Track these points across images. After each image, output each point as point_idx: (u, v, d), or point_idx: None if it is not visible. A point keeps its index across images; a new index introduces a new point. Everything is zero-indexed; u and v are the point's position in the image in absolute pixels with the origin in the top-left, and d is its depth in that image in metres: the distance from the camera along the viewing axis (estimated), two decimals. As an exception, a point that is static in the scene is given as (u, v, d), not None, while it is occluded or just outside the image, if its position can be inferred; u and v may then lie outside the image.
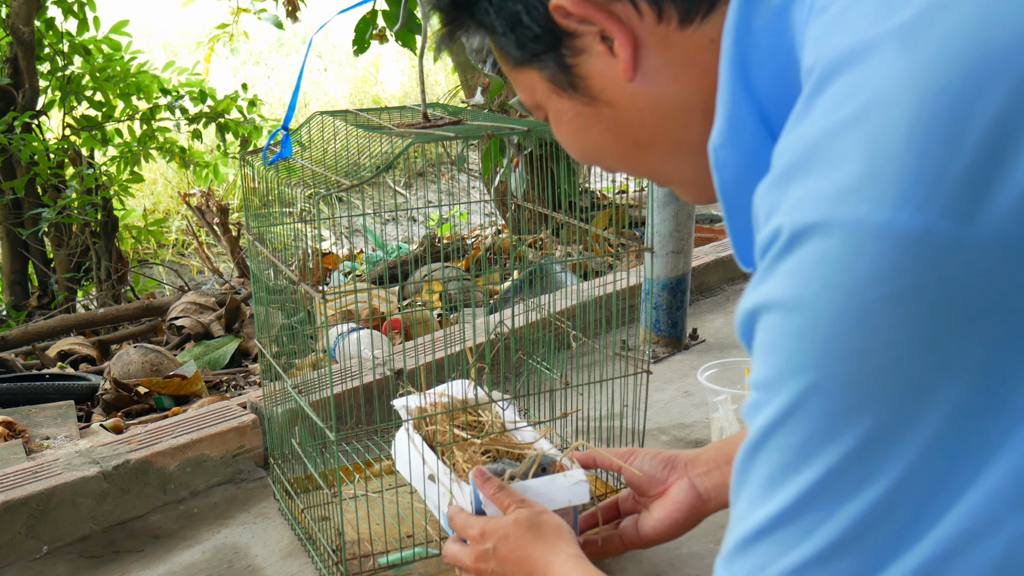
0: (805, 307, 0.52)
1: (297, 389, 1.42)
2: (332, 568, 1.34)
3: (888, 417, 0.52)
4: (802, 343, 0.53)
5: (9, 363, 3.37)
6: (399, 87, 10.52)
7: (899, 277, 0.50)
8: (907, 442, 0.52)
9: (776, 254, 0.54)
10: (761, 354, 0.55)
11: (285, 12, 5.45)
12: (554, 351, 1.58)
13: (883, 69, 0.52)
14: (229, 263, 5.21)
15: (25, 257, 5.26)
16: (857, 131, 0.52)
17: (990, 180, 0.50)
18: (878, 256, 0.50)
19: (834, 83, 0.54)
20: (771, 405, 0.54)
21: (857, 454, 0.52)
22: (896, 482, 0.52)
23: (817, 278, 0.52)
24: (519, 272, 2.68)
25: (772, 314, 0.54)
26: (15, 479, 1.56)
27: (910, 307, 0.51)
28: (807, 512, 0.54)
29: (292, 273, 1.32)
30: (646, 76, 0.69)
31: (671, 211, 2.26)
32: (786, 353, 0.54)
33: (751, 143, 0.64)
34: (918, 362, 0.51)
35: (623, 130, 0.73)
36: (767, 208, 0.56)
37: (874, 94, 0.52)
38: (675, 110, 0.70)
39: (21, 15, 4.99)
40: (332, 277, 3.83)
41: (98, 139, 5.35)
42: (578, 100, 0.72)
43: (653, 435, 1.89)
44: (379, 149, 1.22)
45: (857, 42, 0.54)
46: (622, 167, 0.78)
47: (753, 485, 0.56)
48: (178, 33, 10.84)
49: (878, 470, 0.52)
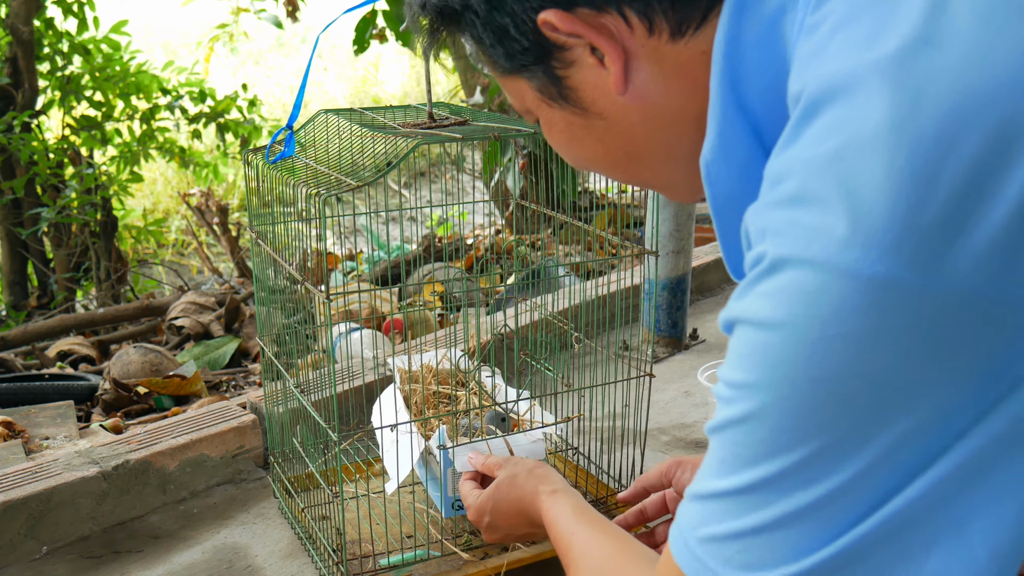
0: (773, 330, 0.56)
1: (299, 388, 1.42)
2: (332, 568, 1.34)
3: (831, 443, 0.56)
4: (766, 361, 0.57)
5: (9, 363, 3.36)
6: (399, 87, 10.52)
7: (859, 318, 0.53)
8: (849, 463, 0.56)
9: (758, 275, 0.57)
10: (734, 357, 0.60)
11: (285, 12, 5.45)
12: (556, 352, 1.57)
13: (864, 108, 0.53)
14: (229, 263, 5.20)
15: (25, 257, 5.26)
16: (836, 169, 0.54)
17: (959, 229, 0.51)
18: (841, 296, 0.53)
19: (819, 116, 0.55)
20: (734, 405, 0.59)
21: (797, 468, 0.57)
22: (833, 491, 0.57)
23: (786, 306, 0.55)
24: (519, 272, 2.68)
25: (746, 328, 0.59)
26: (15, 479, 1.55)
27: (867, 347, 0.54)
28: (745, 497, 0.59)
29: (295, 272, 1.32)
30: (637, 89, 0.69)
31: (671, 211, 2.26)
32: (752, 365, 0.58)
33: (743, 157, 0.65)
34: (870, 398, 0.55)
35: (615, 141, 0.73)
36: (759, 227, 0.58)
37: (854, 134, 0.53)
38: (666, 122, 0.71)
39: (21, 15, 4.98)
40: (332, 277, 3.83)
41: (98, 139, 5.35)
42: (569, 111, 0.72)
43: (653, 435, 1.88)
44: (382, 149, 1.22)
45: (843, 72, 0.55)
46: (614, 175, 0.79)
47: (712, 456, 0.62)
48: (178, 33, 10.83)
49: (816, 481, 0.57)
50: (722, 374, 0.62)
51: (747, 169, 0.65)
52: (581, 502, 1.06)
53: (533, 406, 1.44)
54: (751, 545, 0.59)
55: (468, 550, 1.36)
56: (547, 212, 1.60)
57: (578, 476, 1.57)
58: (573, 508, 1.04)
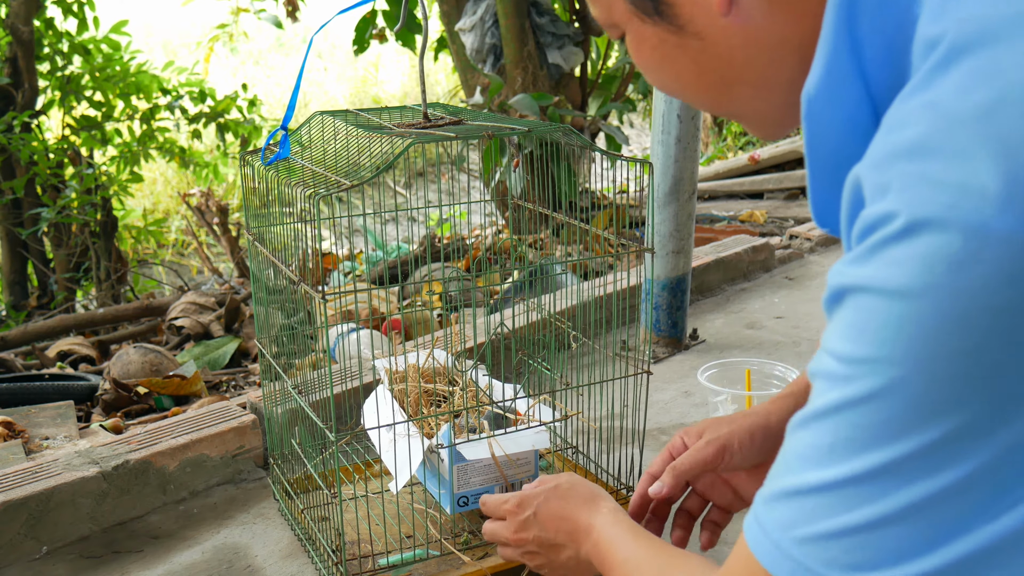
0: (909, 300, 0.51)
1: (297, 389, 1.42)
2: (332, 568, 1.34)
3: (973, 420, 0.51)
4: (900, 334, 0.52)
5: (9, 363, 3.36)
6: (399, 87, 10.53)
7: (1013, 287, 0.49)
8: (985, 445, 0.51)
9: (885, 238, 0.52)
10: (850, 330, 0.54)
11: (285, 12, 5.46)
12: (554, 352, 1.58)
13: (1019, 58, 0.49)
14: (229, 263, 5.21)
15: (24, 257, 5.26)
16: (988, 126, 0.49)
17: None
18: (996, 264, 0.49)
19: (963, 62, 0.51)
20: (853, 384, 0.54)
21: (927, 450, 0.52)
22: (963, 478, 0.52)
23: (927, 274, 0.50)
24: (519, 272, 2.68)
25: (870, 297, 0.53)
26: (15, 479, 1.55)
27: (1019, 319, 0.49)
28: (859, 488, 0.54)
29: (292, 273, 1.32)
30: (743, 11, 0.65)
31: (671, 211, 2.26)
32: (880, 339, 0.53)
33: (848, 100, 0.60)
34: (1014, 374, 0.50)
35: (710, 64, 0.69)
36: (878, 183, 0.53)
37: (1008, 87, 0.49)
38: (767, 48, 0.66)
39: (21, 15, 4.99)
40: (332, 277, 3.83)
41: (98, 139, 5.35)
42: (663, 27, 0.68)
43: (653, 435, 1.88)
44: (379, 149, 1.22)
45: (993, 19, 0.51)
46: (702, 102, 0.74)
47: (810, 446, 0.57)
48: (178, 33, 10.84)
49: (947, 465, 0.52)
50: (834, 350, 0.56)
51: (852, 113, 0.60)
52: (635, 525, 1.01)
53: (537, 402, 1.44)
54: (863, 542, 0.54)
55: (467, 550, 1.36)
56: (547, 212, 1.60)
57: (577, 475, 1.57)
58: (630, 527, 1.00)
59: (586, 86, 4.52)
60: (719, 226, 3.99)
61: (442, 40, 4.98)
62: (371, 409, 1.43)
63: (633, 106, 4.87)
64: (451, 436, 1.33)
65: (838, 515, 0.55)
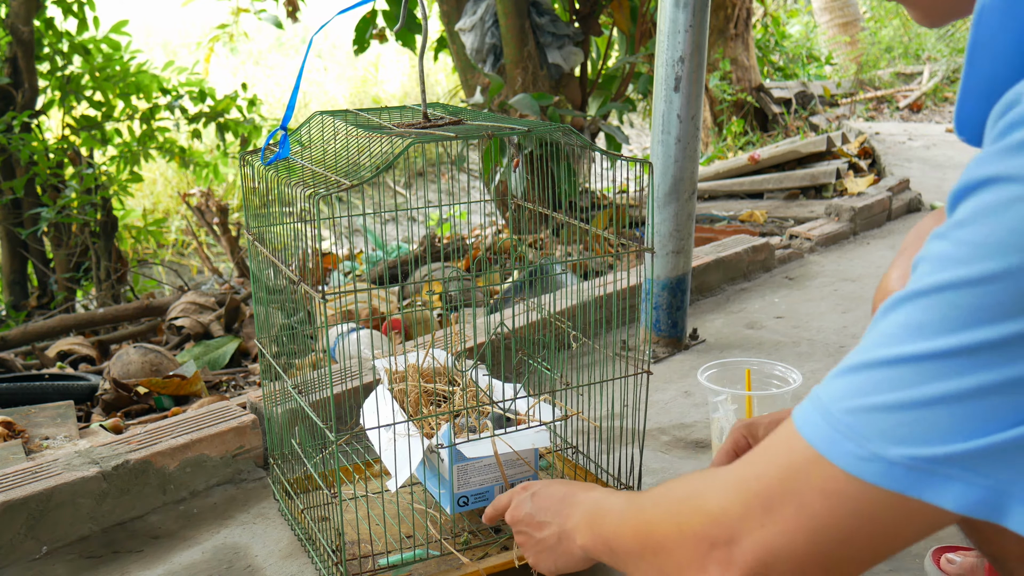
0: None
1: (297, 389, 1.42)
2: (332, 568, 1.34)
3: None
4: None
5: (9, 363, 3.36)
6: (399, 87, 10.53)
7: None
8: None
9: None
10: (978, 216, 0.56)
11: (285, 12, 5.46)
12: (554, 352, 1.58)
13: None
14: (229, 263, 5.21)
15: (24, 257, 5.26)
16: None
17: None
18: None
19: None
20: (967, 265, 0.56)
21: (1020, 339, 0.54)
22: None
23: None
24: (519, 272, 2.69)
25: (1014, 186, 0.54)
26: (15, 479, 1.55)
27: None
28: (936, 364, 0.56)
29: (292, 273, 1.32)
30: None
31: (671, 211, 2.26)
32: (1011, 227, 0.54)
33: (1021, 16, 0.61)
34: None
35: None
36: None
37: None
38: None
39: (21, 15, 4.99)
40: (332, 277, 3.83)
41: (98, 139, 5.35)
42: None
43: (653, 435, 1.88)
44: (379, 149, 1.22)
45: None
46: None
47: (898, 324, 0.58)
48: (178, 33, 10.84)
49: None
50: (952, 235, 0.57)
51: (1022, 32, 0.61)
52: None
53: (538, 402, 1.45)
54: (916, 419, 0.56)
55: (467, 550, 1.36)
56: (547, 212, 1.60)
57: (577, 475, 1.57)
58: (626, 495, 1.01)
59: (586, 86, 4.52)
60: (719, 226, 3.99)
61: (442, 40, 4.98)
62: (371, 409, 1.43)
63: (633, 106, 4.87)
64: (451, 436, 1.33)
65: (903, 389, 0.57)
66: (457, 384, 1.53)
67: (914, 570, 1.37)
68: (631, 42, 4.44)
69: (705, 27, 2.14)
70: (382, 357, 1.60)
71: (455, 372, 1.56)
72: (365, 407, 1.46)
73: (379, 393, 1.46)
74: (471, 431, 1.37)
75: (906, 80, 9.24)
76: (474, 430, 1.37)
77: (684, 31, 2.12)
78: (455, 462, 1.35)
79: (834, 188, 4.44)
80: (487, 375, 1.57)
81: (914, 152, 5.41)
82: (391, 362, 1.55)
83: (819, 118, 6.82)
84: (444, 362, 1.58)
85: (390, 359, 1.57)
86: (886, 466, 0.58)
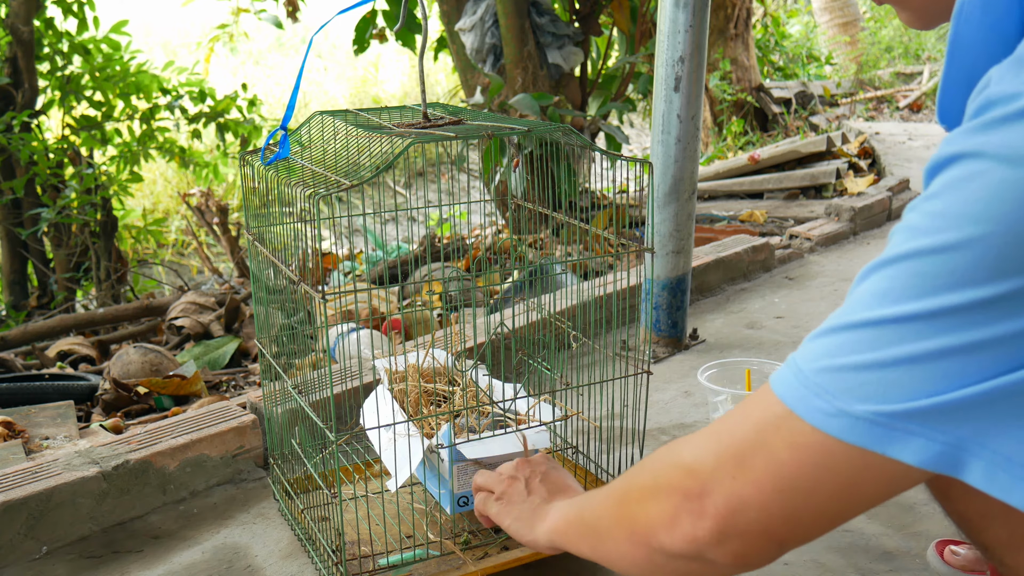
0: (1018, 167, 0.56)
1: (297, 389, 1.42)
2: (332, 568, 1.34)
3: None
4: (995, 195, 0.56)
5: (9, 363, 3.36)
6: (399, 87, 10.53)
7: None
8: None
9: (1007, 115, 0.57)
10: (947, 190, 0.59)
11: (285, 12, 5.46)
12: (554, 352, 1.58)
13: None
14: (229, 263, 5.21)
15: (24, 257, 5.26)
16: None
17: None
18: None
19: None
20: (932, 235, 0.59)
21: (979, 305, 0.57)
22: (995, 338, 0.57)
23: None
24: (519, 272, 2.69)
25: (979, 161, 0.58)
26: (15, 479, 1.55)
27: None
28: (902, 327, 0.59)
29: (292, 273, 1.32)
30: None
31: (671, 211, 2.26)
32: (976, 198, 0.57)
33: (999, 9, 0.65)
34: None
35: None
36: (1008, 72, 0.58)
37: None
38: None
39: (21, 15, 4.99)
40: (332, 277, 3.83)
41: (97, 139, 5.35)
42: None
43: (653, 435, 1.88)
44: (379, 149, 1.22)
45: None
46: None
47: (867, 292, 0.62)
48: (178, 33, 10.84)
49: (986, 323, 0.57)
50: (923, 208, 0.61)
51: (1000, 22, 0.65)
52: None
53: (538, 402, 1.45)
54: (882, 378, 0.59)
55: (467, 550, 1.36)
56: (547, 212, 1.60)
57: (577, 474, 1.57)
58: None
59: (586, 86, 4.52)
60: (719, 226, 3.99)
61: (442, 40, 4.98)
62: (371, 409, 1.43)
63: (633, 106, 4.87)
64: (451, 436, 1.33)
65: (869, 351, 0.60)
66: (457, 384, 1.53)
67: (914, 570, 1.37)
68: (631, 42, 4.44)
69: (705, 27, 2.14)
70: (382, 357, 1.60)
71: (455, 372, 1.56)
72: (365, 407, 1.46)
73: (379, 393, 1.46)
74: (471, 431, 1.37)
75: (906, 80, 9.25)
76: (474, 430, 1.37)
77: (684, 31, 2.12)
78: (455, 462, 1.35)
79: (834, 188, 4.44)
80: (487, 375, 1.57)
81: (914, 152, 5.41)
82: (391, 362, 1.55)
83: (819, 118, 6.83)
84: (444, 362, 1.58)
85: (390, 359, 1.57)
86: (851, 421, 0.61)
